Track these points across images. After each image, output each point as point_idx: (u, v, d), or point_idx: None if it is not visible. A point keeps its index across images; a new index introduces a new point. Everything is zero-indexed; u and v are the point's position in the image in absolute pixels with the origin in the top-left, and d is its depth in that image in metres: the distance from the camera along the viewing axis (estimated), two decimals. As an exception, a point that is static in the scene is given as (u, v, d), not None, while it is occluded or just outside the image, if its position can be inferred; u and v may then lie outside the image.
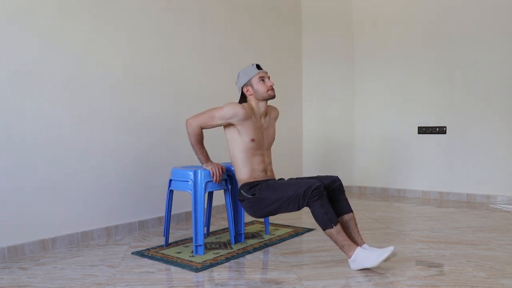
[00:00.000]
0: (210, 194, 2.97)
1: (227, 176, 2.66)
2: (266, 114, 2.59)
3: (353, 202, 4.19)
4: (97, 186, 2.88)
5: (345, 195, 2.38)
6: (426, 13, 4.48)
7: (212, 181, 2.49)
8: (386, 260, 2.07)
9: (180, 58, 3.50)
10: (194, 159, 3.46)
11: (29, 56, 2.53)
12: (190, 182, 2.47)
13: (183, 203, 3.39)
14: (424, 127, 4.48)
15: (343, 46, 4.97)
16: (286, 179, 2.54)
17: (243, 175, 2.47)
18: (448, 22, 4.34)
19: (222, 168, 2.52)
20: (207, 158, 2.55)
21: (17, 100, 2.48)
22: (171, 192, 2.65)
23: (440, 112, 4.40)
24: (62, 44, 2.70)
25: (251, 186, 2.42)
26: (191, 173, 2.47)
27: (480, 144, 4.18)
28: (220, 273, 2.16)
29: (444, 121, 4.38)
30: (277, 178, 2.61)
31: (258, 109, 2.53)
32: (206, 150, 2.56)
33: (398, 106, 4.65)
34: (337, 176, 2.41)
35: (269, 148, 2.61)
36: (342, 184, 2.39)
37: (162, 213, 3.26)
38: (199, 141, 2.52)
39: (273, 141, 2.64)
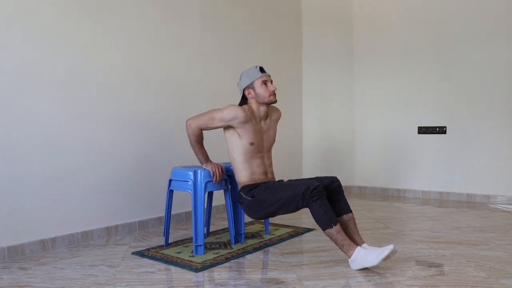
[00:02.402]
0: (210, 194, 2.97)
1: (227, 176, 2.66)
2: (266, 116, 2.57)
3: (353, 202, 4.20)
4: (97, 186, 2.88)
5: (344, 195, 2.38)
6: (426, 13, 4.48)
7: (212, 181, 2.49)
8: (386, 258, 2.07)
9: (180, 58, 3.50)
10: (194, 159, 3.46)
11: (29, 56, 2.53)
12: (190, 182, 2.47)
13: (183, 203, 3.39)
14: (424, 127, 4.48)
15: (343, 46, 4.97)
16: (285, 181, 2.54)
17: (243, 177, 2.47)
18: (448, 22, 4.34)
19: (222, 168, 2.51)
20: (206, 158, 2.55)
21: (17, 100, 2.48)
22: (171, 192, 2.65)
23: (440, 112, 4.40)
24: (62, 44, 2.69)
25: (250, 188, 2.42)
26: (191, 173, 2.47)
27: (480, 144, 4.18)
28: (220, 273, 2.16)
29: (444, 121, 4.38)
30: (276, 180, 2.60)
31: (259, 112, 2.51)
32: (205, 151, 2.56)
33: (398, 106, 4.66)
34: (336, 177, 2.41)
35: (269, 151, 2.59)
36: (341, 185, 2.39)
37: (162, 213, 3.26)
38: (199, 141, 2.52)
39: (273, 143, 2.63)
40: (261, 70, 2.51)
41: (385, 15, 4.75)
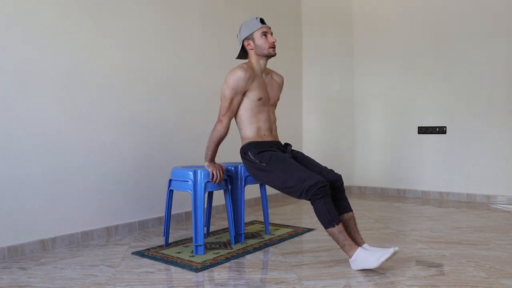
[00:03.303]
0: (210, 194, 2.97)
1: (227, 176, 2.66)
2: (267, 72, 2.58)
3: (353, 202, 4.19)
4: (97, 186, 2.88)
5: (345, 194, 2.38)
6: (426, 13, 4.48)
7: (211, 181, 2.49)
8: (388, 259, 2.06)
9: (180, 58, 3.50)
10: (194, 159, 3.47)
11: (29, 56, 2.53)
12: (190, 182, 2.47)
13: (183, 203, 3.39)
14: (424, 127, 4.48)
15: (343, 46, 4.97)
16: (291, 150, 2.52)
17: (248, 133, 2.46)
18: (448, 22, 4.34)
19: (222, 169, 2.51)
20: (212, 158, 2.53)
21: (17, 100, 2.48)
22: (171, 192, 2.65)
23: (440, 112, 4.40)
24: (62, 44, 2.69)
25: (259, 149, 2.40)
26: (191, 173, 2.47)
27: (480, 144, 4.18)
28: (220, 273, 2.16)
29: (444, 121, 4.38)
30: (282, 143, 2.59)
31: (259, 66, 2.51)
32: (217, 151, 2.55)
33: (398, 106, 4.66)
34: (340, 176, 2.40)
35: (274, 105, 2.60)
36: (343, 184, 2.39)
37: (162, 213, 3.26)
38: (221, 140, 2.50)
39: (277, 100, 2.63)
40: (261, 21, 2.49)
41: (385, 15, 4.75)
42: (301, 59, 4.99)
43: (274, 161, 2.34)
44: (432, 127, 4.44)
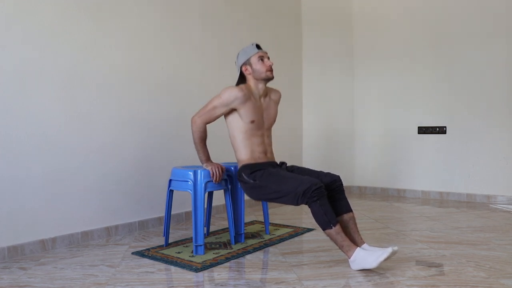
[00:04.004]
0: (210, 194, 2.97)
1: (227, 176, 2.66)
2: (266, 94, 2.58)
3: (353, 202, 4.19)
4: (97, 186, 2.88)
5: (345, 194, 2.38)
6: (426, 13, 4.48)
7: (212, 181, 2.49)
8: (387, 259, 2.06)
9: (180, 58, 3.49)
10: (194, 159, 3.46)
11: (29, 56, 2.53)
12: (190, 182, 2.47)
13: (183, 203, 3.39)
14: (424, 127, 4.48)
15: (343, 46, 4.97)
16: (287, 165, 2.53)
17: (243, 156, 2.47)
18: (448, 22, 4.34)
19: (222, 168, 2.51)
20: (207, 158, 2.54)
21: (17, 100, 2.48)
22: (171, 192, 2.65)
23: (440, 112, 4.40)
24: (62, 44, 2.69)
25: (252, 170, 2.41)
26: (191, 173, 2.47)
27: (480, 144, 4.18)
28: (220, 273, 2.16)
29: (444, 121, 4.38)
30: (278, 162, 2.60)
31: (257, 89, 2.53)
32: (207, 150, 2.56)
33: (398, 106, 4.66)
34: (338, 176, 2.40)
35: (269, 129, 2.60)
36: (342, 184, 2.39)
37: (162, 213, 3.26)
38: (203, 139, 2.52)
39: (274, 122, 2.64)
40: (257, 46, 2.53)
41: (385, 15, 4.75)
42: (301, 59, 4.99)
43: (266, 176, 2.36)
44: (432, 127, 4.44)
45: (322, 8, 4.97)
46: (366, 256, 2.09)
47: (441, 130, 4.38)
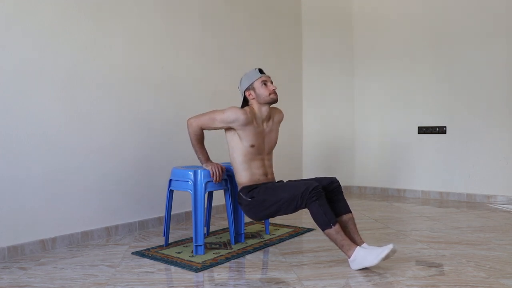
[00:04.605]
0: (210, 194, 2.97)
1: (227, 176, 2.66)
2: (269, 118, 2.57)
3: (353, 202, 4.20)
4: (97, 186, 2.88)
5: (343, 195, 2.38)
6: (426, 13, 4.48)
7: (212, 181, 2.49)
8: (386, 258, 2.07)
9: (180, 58, 3.50)
10: (194, 159, 3.46)
11: (29, 56, 2.53)
12: (190, 182, 2.47)
13: (183, 203, 3.39)
14: (424, 127, 4.48)
15: (343, 46, 4.97)
16: (285, 182, 2.54)
17: (242, 178, 2.47)
18: (448, 22, 4.34)
19: (222, 168, 2.51)
20: (207, 158, 2.55)
21: (17, 100, 2.48)
22: (171, 192, 2.65)
23: (440, 112, 4.40)
24: (62, 44, 2.69)
25: (249, 189, 2.42)
26: (191, 173, 2.47)
27: (480, 144, 4.18)
28: (220, 273, 2.16)
29: (444, 121, 4.38)
30: (276, 181, 2.61)
31: (261, 113, 2.52)
32: (206, 150, 2.56)
33: (398, 106, 4.66)
34: (335, 177, 2.41)
35: (269, 153, 2.60)
36: (340, 185, 2.39)
37: (162, 213, 3.26)
38: (200, 141, 2.53)
39: (275, 145, 2.63)
40: (260, 71, 2.53)
41: (385, 15, 4.74)
42: (301, 59, 4.99)
43: (264, 191, 2.36)
44: (432, 127, 4.44)
45: (322, 8, 4.97)
46: (366, 255, 2.09)
47: (441, 130, 4.38)
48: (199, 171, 2.48)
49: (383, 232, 2.99)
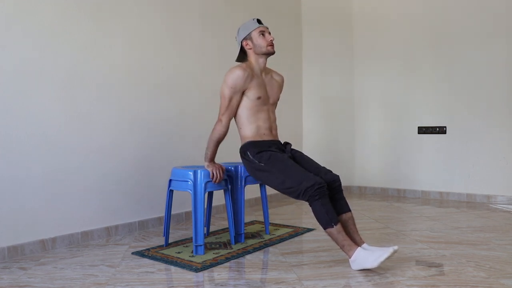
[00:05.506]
0: (210, 194, 2.97)
1: (227, 176, 2.66)
2: (267, 72, 2.60)
3: (353, 202, 4.20)
4: (97, 186, 2.88)
5: (343, 194, 2.38)
6: (426, 13, 4.48)
7: (212, 181, 2.49)
8: (387, 259, 2.06)
9: (180, 58, 3.50)
10: (194, 159, 3.47)
11: (29, 56, 2.53)
12: (190, 182, 2.47)
13: (183, 203, 3.39)
14: (424, 127, 4.49)
15: (343, 46, 4.97)
16: (290, 149, 2.52)
17: (248, 132, 2.48)
18: (448, 22, 4.34)
19: (222, 169, 2.51)
20: (212, 158, 2.53)
21: (17, 100, 2.48)
22: (171, 192, 2.65)
23: (440, 112, 4.40)
24: (62, 44, 2.70)
25: (258, 150, 2.41)
26: (191, 173, 2.47)
27: (480, 144, 4.18)
28: (220, 273, 2.16)
29: (444, 121, 4.38)
30: (282, 142, 2.61)
31: (258, 65, 2.53)
32: (216, 151, 2.56)
33: (398, 106, 4.66)
34: (338, 176, 2.40)
35: (274, 104, 2.61)
36: (341, 184, 2.39)
37: (162, 213, 3.26)
38: (219, 140, 2.51)
39: (278, 99, 2.64)
40: (259, 21, 2.53)
41: (385, 15, 4.75)
42: (301, 59, 4.99)
43: (273, 162, 2.35)
44: (432, 127, 4.44)
45: (322, 8, 4.97)
46: (367, 256, 2.09)
47: (441, 130, 4.38)
48: (199, 171, 2.48)
49: (383, 232, 2.99)
